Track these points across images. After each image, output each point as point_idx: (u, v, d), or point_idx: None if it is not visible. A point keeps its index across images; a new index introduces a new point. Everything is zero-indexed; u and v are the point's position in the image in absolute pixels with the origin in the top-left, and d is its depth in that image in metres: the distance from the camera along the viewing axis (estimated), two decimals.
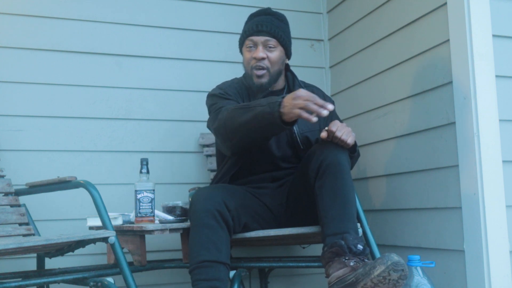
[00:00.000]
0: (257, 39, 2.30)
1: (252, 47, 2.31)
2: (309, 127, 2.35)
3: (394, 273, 1.77)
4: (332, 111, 2.44)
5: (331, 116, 2.42)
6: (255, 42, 2.30)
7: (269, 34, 2.29)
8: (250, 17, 2.39)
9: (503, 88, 2.20)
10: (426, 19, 2.40)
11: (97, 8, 2.76)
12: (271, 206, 2.30)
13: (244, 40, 2.34)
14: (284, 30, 2.35)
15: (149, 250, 2.36)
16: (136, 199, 2.25)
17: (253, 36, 2.30)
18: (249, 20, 2.37)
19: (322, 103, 1.95)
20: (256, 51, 2.29)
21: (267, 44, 2.30)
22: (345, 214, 1.99)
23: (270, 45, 2.30)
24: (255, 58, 2.29)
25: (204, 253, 1.97)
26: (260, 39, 2.30)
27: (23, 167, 2.56)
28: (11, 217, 2.33)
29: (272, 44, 2.30)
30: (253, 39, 2.30)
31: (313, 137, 2.33)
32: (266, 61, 2.29)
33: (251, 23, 2.34)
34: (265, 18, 2.32)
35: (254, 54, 2.29)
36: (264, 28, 2.29)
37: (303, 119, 1.96)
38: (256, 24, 2.31)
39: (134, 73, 2.80)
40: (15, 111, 2.59)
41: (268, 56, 2.29)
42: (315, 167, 2.06)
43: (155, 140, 2.80)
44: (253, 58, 2.30)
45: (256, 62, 2.29)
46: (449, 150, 2.26)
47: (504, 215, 2.13)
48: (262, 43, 2.29)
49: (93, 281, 2.01)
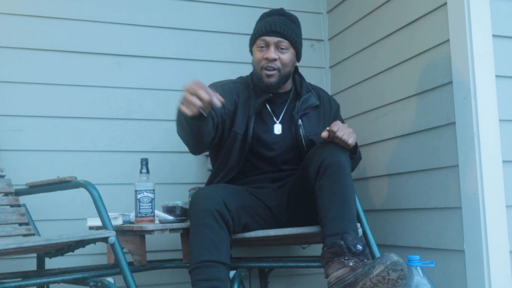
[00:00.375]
0: (270, 40, 2.28)
1: (264, 47, 2.29)
2: (314, 130, 2.34)
3: (393, 272, 1.77)
4: (338, 115, 2.46)
5: (335, 117, 2.43)
6: (268, 42, 2.28)
7: (282, 35, 2.27)
8: (263, 16, 2.36)
9: (503, 88, 2.19)
10: (426, 19, 2.40)
11: (97, 8, 2.76)
12: (271, 206, 2.30)
13: (256, 39, 2.31)
14: (297, 32, 2.33)
15: (149, 250, 2.36)
16: (136, 199, 2.25)
17: (266, 36, 2.28)
18: (262, 20, 2.35)
19: (193, 89, 1.92)
20: (268, 52, 2.27)
21: (279, 45, 2.28)
22: (345, 214, 1.99)
23: (283, 47, 2.28)
24: (266, 58, 2.27)
25: (204, 253, 1.97)
26: (272, 40, 2.28)
27: (23, 167, 2.56)
28: (11, 217, 2.33)
29: (284, 46, 2.28)
30: (266, 39, 2.28)
31: (317, 140, 2.31)
32: (278, 62, 2.28)
33: (263, 22, 2.31)
34: (278, 19, 2.30)
35: (266, 55, 2.27)
36: (278, 29, 2.27)
37: (184, 112, 1.94)
38: (269, 24, 2.28)
39: (134, 73, 2.80)
40: (15, 111, 2.59)
41: (280, 58, 2.28)
42: (315, 167, 2.06)
43: (155, 140, 2.80)
44: (264, 59, 2.28)
45: (268, 63, 2.27)
46: (449, 150, 2.26)
47: (504, 215, 2.13)
48: (274, 44, 2.28)
49: (93, 281, 2.01)
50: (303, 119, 2.34)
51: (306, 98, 2.37)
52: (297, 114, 2.33)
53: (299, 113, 2.33)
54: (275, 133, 2.33)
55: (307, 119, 2.35)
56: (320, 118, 2.39)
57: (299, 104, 2.35)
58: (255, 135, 2.31)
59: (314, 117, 2.38)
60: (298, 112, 2.33)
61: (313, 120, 2.37)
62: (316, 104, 2.38)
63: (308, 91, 2.40)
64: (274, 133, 2.33)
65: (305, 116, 2.35)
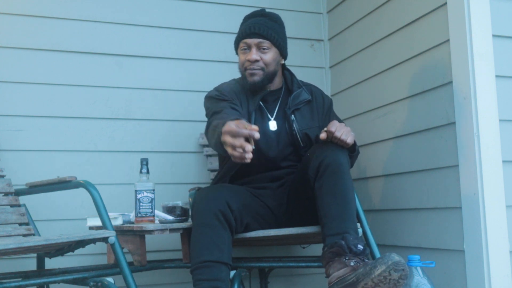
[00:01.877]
0: (251, 42, 2.31)
1: (246, 49, 2.33)
2: (308, 124, 2.36)
3: (394, 272, 1.77)
4: (331, 110, 2.47)
5: (328, 112, 2.44)
6: (249, 44, 2.31)
7: (262, 36, 2.30)
8: (244, 19, 2.40)
9: (503, 88, 2.20)
10: (426, 19, 2.40)
11: (97, 8, 2.76)
12: (272, 206, 2.30)
13: (239, 42, 2.36)
14: (278, 31, 2.35)
15: (149, 250, 2.36)
16: (136, 199, 2.25)
17: (247, 39, 2.32)
18: (243, 22, 2.39)
19: (247, 133, 1.84)
20: (250, 54, 2.31)
21: (260, 46, 2.31)
22: (345, 214, 1.99)
23: (264, 47, 2.31)
24: (248, 60, 2.30)
25: (206, 253, 1.97)
26: (253, 41, 2.31)
27: (23, 167, 2.56)
28: (11, 217, 2.33)
29: (265, 46, 2.31)
30: (247, 41, 2.32)
31: (312, 134, 2.34)
32: (261, 62, 2.31)
33: (244, 25, 2.36)
34: (258, 20, 2.33)
35: (248, 57, 2.31)
36: (257, 30, 2.30)
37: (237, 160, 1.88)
38: (249, 26, 2.32)
39: (134, 73, 2.80)
40: (15, 111, 2.59)
41: (262, 58, 2.31)
42: (315, 167, 2.07)
43: (155, 140, 2.80)
44: (247, 61, 2.31)
45: (250, 65, 2.31)
46: (449, 150, 2.26)
47: (504, 215, 2.13)
48: (255, 45, 2.31)
49: (93, 281, 2.01)
50: (296, 114, 2.35)
51: (297, 94, 2.39)
52: (289, 109, 2.35)
53: (291, 108, 2.35)
54: (270, 129, 2.35)
55: (300, 114, 2.37)
56: (314, 112, 2.41)
57: (291, 100, 2.37)
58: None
59: (307, 112, 2.39)
60: (290, 108, 2.35)
61: (307, 115, 2.38)
62: (308, 99, 2.40)
63: (299, 87, 2.42)
64: (270, 130, 2.35)
65: (297, 111, 2.37)
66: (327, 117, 2.42)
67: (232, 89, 2.38)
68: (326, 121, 2.40)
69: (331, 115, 2.45)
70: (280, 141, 2.34)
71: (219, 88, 2.40)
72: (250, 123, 2.28)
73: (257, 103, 2.34)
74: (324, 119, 2.40)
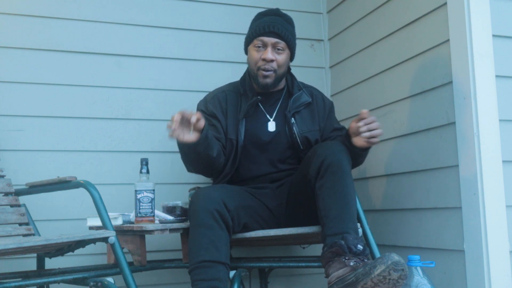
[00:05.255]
0: (267, 40, 2.28)
1: (261, 47, 2.29)
2: (308, 128, 2.35)
3: (394, 272, 1.77)
4: (332, 113, 2.47)
5: (329, 115, 2.44)
6: (265, 42, 2.29)
7: (279, 36, 2.28)
8: (259, 16, 2.36)
9: (503, 88, 2.19)
10: (426, 19, 2.40)
11: (97, 8, 2.76)
12: (271, 206, 2.30)
13: (253, 39, 2.31)
14: (292, 33, 2.34)
15: (149, 250, 2.36)
16: (136, 199, 2.25)
17: (263, 37, 2.28)
18: (258, 19, 2.35)
19: (177, 117, 2.03)
20: (266, 52, 2.27)
21: (276, 46, 2.28)
22: (345, 214, 1.99)
23: (279, 48, 2.29)
24: (264, 59, 2.28)
25: (203, 253, 1.97)
26: (270, 40, 2.28)
27: (23, 167, 2.56)
28: (11, 217, 2.33)
29: (281, 47, 2.29)
30: (263, 39, 2.28)
31: (312, 137, 2.34)
32: (274, 63, 2.29)
33: (260, 22, 2.31)
34: (275, 19, 2.30)
35: (263, 55, 2.28)
36: (276, 30, 2.27)
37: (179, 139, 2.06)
38: (267, 24, 2.28)
39: (134, 73, 2.80)
40: (15, 111, 2.59)
41: (276, 59, 2.28)
42: (315, 167, 2.06)
43: (155, 140, 2.80)
44: (261, 59, 2.28)
45: (265, 64, 2.28)
46: (449, 150, 2.26)
47: (504, 215, 2.13)
48: (272, 45, 2.28)
49: (93, 281, 2.01)
50: (296, 117, 2.35)
51: (298, 96, 2.38)
52: (289, 112, 2.34)
53: (291, 111, 2.35)
54: (269, 130, 2.34)
55: (300, 117, 2.36)
56: (314, 115, 2.40)
57: (291, 103, 2.36)
58: (249, 137, 2.32)
59: (307, 114, 2.39)
60: (290, 111, 2.34)
61: (307, 118, 2.38)
62: (308, 102, 2.40)
63: (299, 89, 2.42)
64: (269, 131, 2.35)
65: (297, 114, 2.36)
66: (328, 120, 2.42)
67: (219, 100, 2.37)
68: (326, 124, 2.40)
69: (332, 119, 2.45)
70: (279, 142, 2.34)
71: (207, 98, 2.41)
72: (240, 131, 2.29)
73: (246, 111, 2.33)
74: (325, 122, 2.40)
